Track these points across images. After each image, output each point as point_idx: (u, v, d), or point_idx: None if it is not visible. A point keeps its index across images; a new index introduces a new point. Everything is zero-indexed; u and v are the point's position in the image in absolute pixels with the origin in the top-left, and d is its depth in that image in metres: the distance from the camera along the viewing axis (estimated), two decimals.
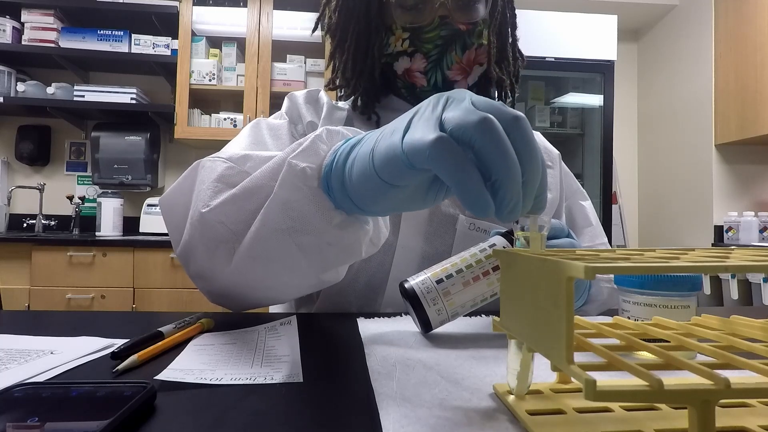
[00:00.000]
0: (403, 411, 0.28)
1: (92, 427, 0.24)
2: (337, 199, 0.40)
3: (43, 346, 0.41)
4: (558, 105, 2.87)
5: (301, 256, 0.42)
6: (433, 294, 0.45)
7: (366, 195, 0.36)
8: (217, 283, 0.49)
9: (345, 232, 0.41)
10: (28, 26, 2.31)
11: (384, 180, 0.33)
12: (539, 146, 0.30)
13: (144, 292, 2.07)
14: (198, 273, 0.50)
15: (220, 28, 2.45)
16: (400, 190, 0.34)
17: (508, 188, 0.28)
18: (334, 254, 0.43)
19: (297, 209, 0.40)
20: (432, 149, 0.28)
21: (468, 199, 0.28)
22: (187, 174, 0.51)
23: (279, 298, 0.52)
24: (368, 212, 0.40)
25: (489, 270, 0.46)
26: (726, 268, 0.22)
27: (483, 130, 0.28)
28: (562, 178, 0.77)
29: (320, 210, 0.40)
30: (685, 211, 2.78)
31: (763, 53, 2.26)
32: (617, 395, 0.20)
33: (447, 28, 0.63)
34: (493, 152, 0.28)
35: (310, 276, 0.45)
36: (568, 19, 2.49)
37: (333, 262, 0.44)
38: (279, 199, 0.41)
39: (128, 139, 2.41)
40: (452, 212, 0.66)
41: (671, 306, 0.40)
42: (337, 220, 0.40)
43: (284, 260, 0.43)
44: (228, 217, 0.44)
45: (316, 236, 0.41)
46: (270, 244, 0.42)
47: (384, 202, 0.36)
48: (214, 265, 0.47)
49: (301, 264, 0.43)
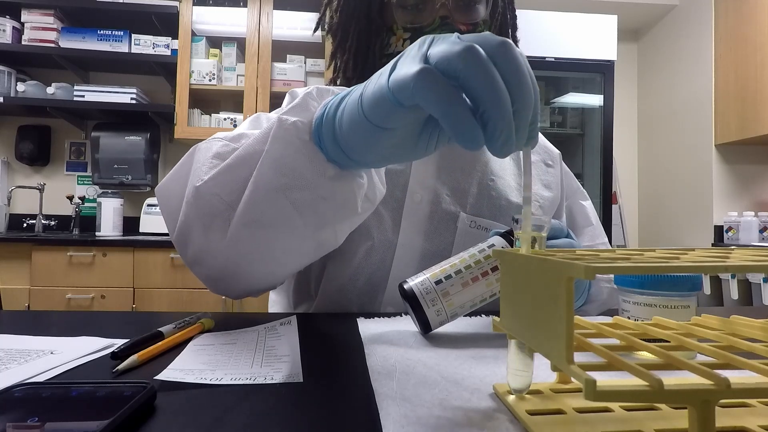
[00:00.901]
0: (403, 411, 0.28)
1: (92, 427, 0.24)
2: (330, 152, 0.39)
3: (43, 346, 0.41)
4: (558, 105, 2.87)
5: (295, 214, 0.41)
6: (432, 295, 0.45)
7: (357, 142, 0.36)
8: (215, 263, 0.48)
9: (339, 184, 0.40)
10: (28, 26, 2.31)
11: (373, 123, 0.33)
12: (531, 73, 0.28)
13: (144, 292, 2.07)
14: (195, 256, 0.49)
15: (220, 28, 2.45)
16: (390, 134, 0.33)
17: (497, 118, 0.27)
18: (329, 210, 0.42)
19: (289, 165, 0.40)
20: (416, 81, 0.28)
21: (456, 129, 0.27)
22: (183, 160, 0.51)
23: (278, 272, 0.50)
24: (361, 163, 0.39)
25: (488, 270, 0.46)
26: (726, 268, 0.22)
27: (466, 59, 0.27)
28: (562, 177, 0.77)
29: (313, 162, 0.39)
30: (685, 211, 2.78)
31: (763, 53, 2.26)
32: (617, 395, 0.20)
33: (447, 29, 0.63)
34: (478, 80, 0.27)
35: (306, 236, 0.44)
36: (568, 19, 2.49)
37: (329, 218, 0.43)
38: (271, 156, 0.40)
39: (128, 139, 2.41)
40: (453, 210, 0.66)
41: (671, 306, 0.40)
42: (330, 173, 0.40)
43: (279, 222, 0.42)
44: (222, 188, 0.44)
45: (310, 191, 0.40)
46: (264, 206, 0.41)
47: (375, 149, 0.35)
48: (210, 242, 0.46)
49: (296, 223, 0.42)
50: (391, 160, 0.38)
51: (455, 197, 0.67)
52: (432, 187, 0.67)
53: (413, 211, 0.65)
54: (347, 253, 0.65)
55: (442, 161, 0.69)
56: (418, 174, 0.67)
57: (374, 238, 0.64)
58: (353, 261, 0.64)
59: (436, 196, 0.66)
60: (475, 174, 0.69)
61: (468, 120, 0.27)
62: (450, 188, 0.67)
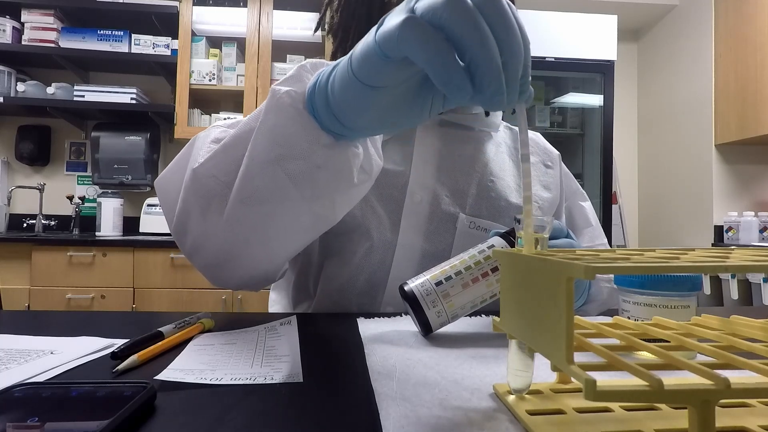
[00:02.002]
0: (403, 411, 0.28)
1: (92, 427, 0.24)
2: (323, 120, 0.39)
3: (43, 346, 0.41)
4: (558, 105, 2.87)
5: (290, 185, 0.41)
6: (432, 296, 0.45)
7: (349, 106, 0.35)
8: (213, 248, 0.48)
9: (333, 152, 0.40)
10: (28, 26, 2.31)
11: (363, 81, 0.32)
12: (521, 25, 0.28)
13: (144, 292, 2.07)
14: (193, 243, 0.49)
15: (220, 28, 2.45)
16: (381, 93, 0.33)
17: (484, 66, 0.26)
18: (324, 178, 0.41)
19: (283, 134, 0.40)
20: (401, 31, 0.28)
21: (442, 78, 0.27)
22: (182, 152, 0.50)
23: (275, 254, 0.49)
24: (354, 129, 0.38)
25: (488, 271, 0.46)
26: (726, 268, 0.22)
27: (452, 7, 0.27)
28: (561, 178, 0.77)
29: (306, 130, 0.39)
30: (685, 211, 2.78)
31: (763, 53, 2.26)
32: (617, 395, 0.20)
33: None
34: (463, 29, 0.26)
35: (302, 209, 0.43)
36: (568, 19, 2.49)
37: (324, 188, 0.42)
38: (265, 127, 0.40)
39: (128, 139, 2.41)
40: (452, 211, 0.66)
41: (671, 306, 0.40)
42: (324, 140, 0.39)
43: (275, 195, 0.41)
44: (219, 168, 0.44)
45: (305, 160, 0.40)
46: (259, 180, 0.41)
47: (367, 112, 0.35)
48: (208, 225, 0.46)
49: (292, 194, 0.41)
50: (385, 125, 0.37)
51: (455, 198, 0.67)
52: (431, 187, 0.67)
53: (413, 211, 0.65)
54: (346, 253, 0.65)
55: (442, 162, 0.69)
56: (418, 174, 0.67)
57: (373, 238, 0.64)
58: (352, 261, 0.64)
59: (435, 196, 0.67)
60: (474, 175, 0.69)
61: (455, 68, 0.27)
62: (449, 189, 0.68)
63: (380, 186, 0.66)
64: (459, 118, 0.72)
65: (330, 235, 0.66)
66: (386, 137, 0.70)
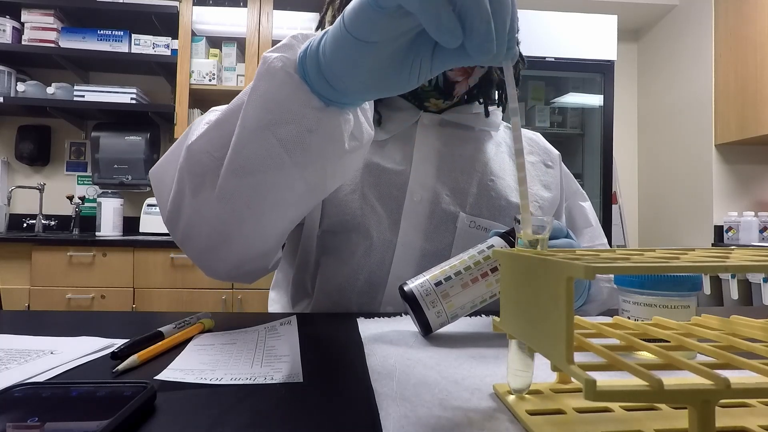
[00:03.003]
0: (403, 411, 0.28)
1: (92, 427, 0.24)
2: (315, 85, 0.39)
3: (43, 346, 0.41)
4: (558, 105, 2.87)
5: (282, 152, 0.41)
6: (432, 296, 0.45)
7: (341, 65, 0.36)
8: (205, 230, 0.47)
9: (324, 115, 0.40)
10: (28, 26, 2.31)
11: (355, 36, 0.33)
12: None
13: (144, 292, 2.07)
14: (186, 227, 0.49)
15: (220, 28, 2.45)
16: (373, 50, 0.33)
17: (474, 11, 0.28)
18: (316, 144, 0.41)
19: (274, 98, 0.40)
20: None
21: (434, 23, 0.28)
22: (178, 141, 0.50)
23: (268, 231, 0.48)
24: (345, 93, 0.38)
25: (488, 271, 0.46)
26: (726, 268, 0.22)
27: None
28: (562, 178, 0.77)
29: (298, 94, 0.39)
30: (685, 211, 2.78)
31: (763, 53, 2.26)
32: (617, 395, 0.20)
33: None
34: None
35: (295, 177, 0.42)
36: (568, 19, 2.49)
37: (316, 153, 0.42)
38: (256, 94, 0.40)
39: (128, 139, 2.41)
40: (452, 210, 0.66)
41: (671, 306, 0.40)
42: (315, 104, 0.39)
43: (267, 163, 0.41)
44: (212, 144, 0.44)
45: (296, 124, 0.40)
46: (250, 148, 0.41)
47: (359, 72, 0.35)
48: (200, 205, 0.46)
49: (284, 161, 0.41)
50: (374, 88, 0.37)
51: (455, 197, 0.67)
52: (431, 187, 0.67)
53: (413, 210, 0.66)
54: (344, 252, 0.65)
55: (442, 162, 0.69)
56: (418, 174, 0.67)
57: (373, 238, 0.64)
58: (352, 260, 0.64)
59: (435, 196, 0.67)
60: (474, 174, 0.69)
61: (446, 12, 0.28)
62: (450, 188, 0.68)
63: (380, 185, 0.66)
64: (459, 117, 0.72)
65: (328, 234, 0.66)
66: (386, 136, 0.70)
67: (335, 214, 0.65)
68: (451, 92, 0.68)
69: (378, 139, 0.70)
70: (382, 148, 0.70)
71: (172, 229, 0.50)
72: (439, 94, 0.68)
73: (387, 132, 0.71)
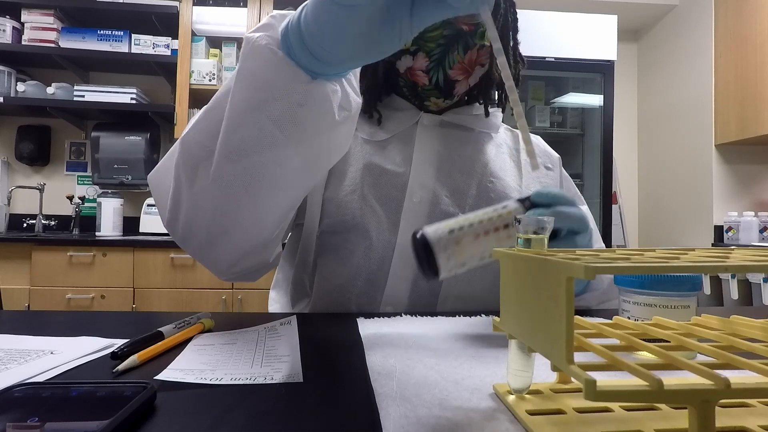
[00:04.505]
0: (403, 411, 0.28)
1: (92, 427, 0.24)
2: (299, 59, 0.39)
3: (43, 346, 0.41)
4: (558, 105, 2.87)
5: (275, 129, 0.41)
6: (444, 241, 0.45)
7: (323, 33, 0.36)
8: (204, 223, 0.48)
9: (313, 87, 0.40)
10: (28, 26, 2.31)
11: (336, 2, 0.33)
12: None
13: (144, 292, 2.07)
14: (185, 224, 0.49)
15: (220, 28, 2.45)
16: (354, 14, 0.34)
17: None
18: (307, 117, 0.41)
19: (261, 77, 0.40)
20: None
21: None
22: (175, 145, 0.50)
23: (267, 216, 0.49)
24: (330, 62, 0.39)
25: (500, 227, 0.47)
26: (726, 268, 0.22)
27: None
28: (562, 181, 0.77)
29: (285, 70, 0.39)
30: (685, 211, 2.78)
31: (763, 53, 2.26)
32: (617, 395, 0.20)
33: (450, 28, 0.63)
34: None
35: (289, 153, 0.43)
36: (568, 19, 2.49)
37: (309, 127, 0.42)
38: (243, 75, 0.41)
39: (128, 139, 2.41)
40: (452, 211, 0.66)
41: (671, 306, 0.40)
42: (303, 78, 0.40)
43: (260, 143, 0.42)
44: (204, 133, 0.44)
45: (286, 99, 0.40)
46: (243, 130, 0.41)
47: (343, 38, 0.36)
48: (197, 196, 0.46)
49: (277, 139, 0.41)
50: (358, 55, 0.38)
51: (454, 198, 0.67)
52: (431, 187, 0.67)
53: (412, 211, 0.66)
54: (343, 252, 0.65)
55: (442, 163, 0.69)
56: (418, 175, 0.67)
57: (372, 238, 0.64)
58: (351, 260, 0.64)
59: (435, 196, 0.67)
60: (474, 175, 0.69)
61: None
62: (449, 189, 0.68)
63: (380, 186, 0.66)
64: (459, 119, 0.72)
65: (328, 234, 0.66)
66: (386, 135, 0.70)
67: (335, 214, 0.65)
68: (451, 91, 0.68)
69: (378, 139, 0.70)
70: (382, 148, 0.70)
71: (173, 228, 0.51)
72: (439, 93, 0.68)
73: (387, 132, 0.71)
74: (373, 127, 0.71)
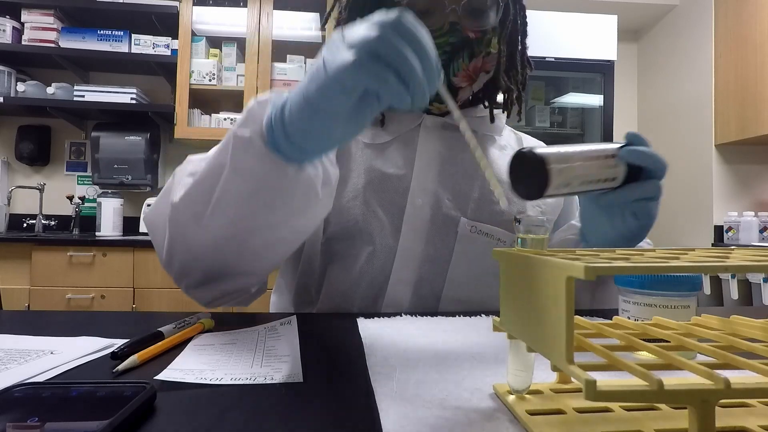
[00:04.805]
0: (403, 411, 0.28)
1: (92, 427, 0.24)
2: (285, 150, 0.42)
3: (43, 346, 0.41)
4: (558, 105, 2.87)
5: (266, 211, 0.45)
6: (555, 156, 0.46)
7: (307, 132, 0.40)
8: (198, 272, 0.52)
9: (300, 178, 0.44)
10: (28, 26, 2.31)
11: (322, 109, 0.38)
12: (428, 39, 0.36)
13: (144, 292, 2.07)
14: (179, 272, 0.53)
15: (220, 28, 2.45)
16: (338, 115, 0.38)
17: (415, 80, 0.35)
18: (296, 201, 0.46)
19: (251, 173, 0.44)
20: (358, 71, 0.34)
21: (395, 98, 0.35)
22: (166, 187, 0.52)
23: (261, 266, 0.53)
24: (315, 150, 0.43)
25: (604, 156, 0.48)
26: (726, 268, 0.22)
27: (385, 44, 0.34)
28: None
29: (272, 166, 0.43)
30: (685, 211, 2.78)
31: (763, 53, 2.26)
32: (617, 395, 0.20)
33: (456, 35, 0.62)
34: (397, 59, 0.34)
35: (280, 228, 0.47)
36: (568, 19, 2.49)
37: (295, 209, 0.46)
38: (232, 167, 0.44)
39: (128, 139, 2.41)
40: (454, 215, 0.66)
41: (671, 306, 0.40)
42: (291, 172, 0.43)
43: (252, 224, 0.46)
44: (195, 203, 0.47)
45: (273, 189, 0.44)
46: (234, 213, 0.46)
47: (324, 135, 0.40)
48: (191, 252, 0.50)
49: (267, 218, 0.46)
50: (339, 140, 0.42)
51: (456, 202, 0.67)
52: (433, 191, 0.67)
53: (414, 215, 0.65)
54: (349, 258, 0.65)
55: (444, 166, 0.69)
56: (420, 178, 0.67)
57: (375, 243, 0.64)
58: (355, 266, 0.64)
59: (437, 200, 0.66)
60: (476, 179, 0.69)
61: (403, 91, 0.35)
62: (451, 193, 0.67)
63: (382, 190, 0.66)
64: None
65: (333, 241, 0.66)
66: (388, 137, 0.70)
67: (338, 221, 0.65)
68: (455, 98, 0.67)
69: (380, 141, 0.70)
70: (383, 151, 0.69)
71: (168, 270, 0.55)
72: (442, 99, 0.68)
73: (390, 134, 0.70)
74: (376, 129, 0.71)
